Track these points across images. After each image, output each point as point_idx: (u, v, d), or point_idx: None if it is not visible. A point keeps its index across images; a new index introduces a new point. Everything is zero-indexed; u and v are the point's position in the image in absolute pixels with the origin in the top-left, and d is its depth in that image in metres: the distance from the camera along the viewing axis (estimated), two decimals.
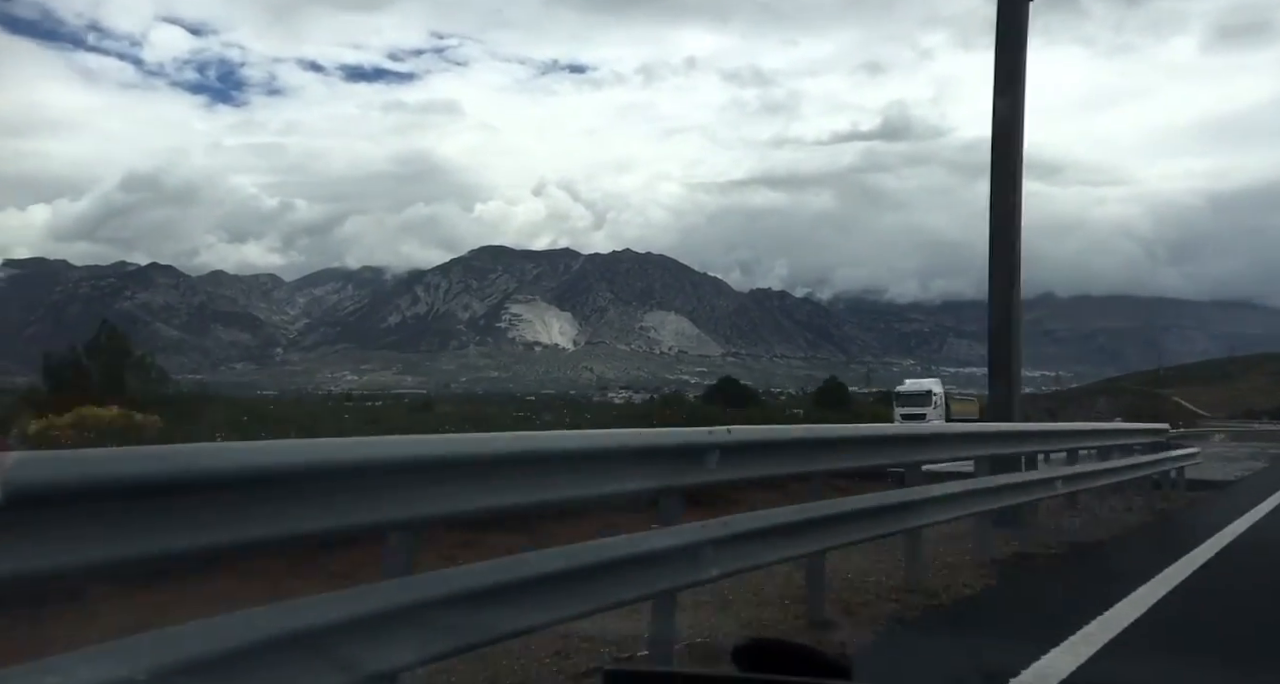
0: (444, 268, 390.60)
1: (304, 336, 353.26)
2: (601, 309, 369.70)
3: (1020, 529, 7.07)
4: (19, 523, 1.50)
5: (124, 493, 1.67)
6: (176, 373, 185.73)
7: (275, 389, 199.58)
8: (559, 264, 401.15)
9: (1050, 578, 5.82)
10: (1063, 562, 6.33)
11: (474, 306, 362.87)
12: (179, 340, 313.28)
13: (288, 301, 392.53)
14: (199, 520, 1.79)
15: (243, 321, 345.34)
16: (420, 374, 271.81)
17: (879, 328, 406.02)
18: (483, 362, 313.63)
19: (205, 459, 1.83)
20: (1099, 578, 5.93)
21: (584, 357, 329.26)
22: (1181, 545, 6.74)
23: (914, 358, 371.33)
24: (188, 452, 1.88)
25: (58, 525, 1.54)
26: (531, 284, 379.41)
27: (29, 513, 1.53)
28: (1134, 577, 5.38)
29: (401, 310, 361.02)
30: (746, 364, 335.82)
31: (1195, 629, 4.58)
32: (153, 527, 1.70)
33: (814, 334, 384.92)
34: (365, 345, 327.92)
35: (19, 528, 1.51)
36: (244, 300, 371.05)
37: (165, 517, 1.72)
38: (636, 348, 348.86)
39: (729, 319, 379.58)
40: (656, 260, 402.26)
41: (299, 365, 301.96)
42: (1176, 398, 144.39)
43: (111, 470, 1.68)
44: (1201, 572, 5.81)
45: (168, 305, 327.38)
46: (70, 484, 1.59)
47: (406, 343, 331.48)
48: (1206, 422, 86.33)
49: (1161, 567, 5.77)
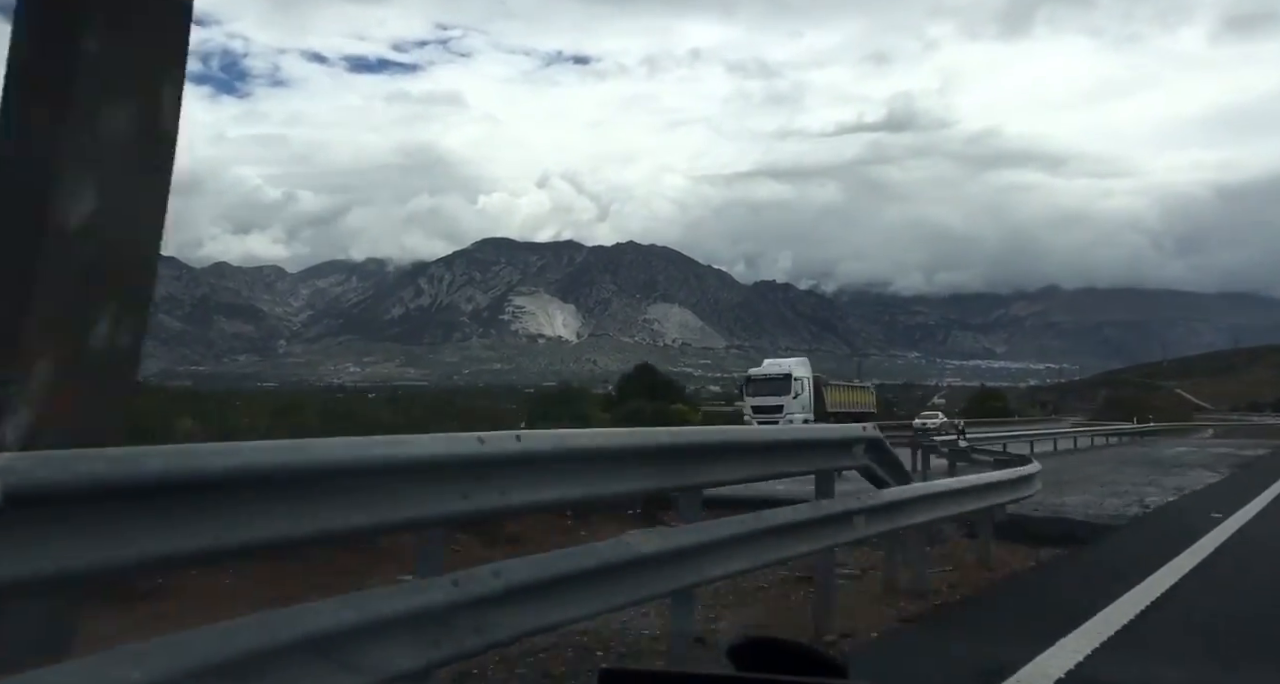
0: (447, 260, 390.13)
1: (307, 328, 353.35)
2: (605, 301, 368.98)
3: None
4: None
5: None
6: (179, 364, 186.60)
7: (276, 381, 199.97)
8: (563, 256, 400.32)
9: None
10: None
11: (477, 299, 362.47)
12: (181, 332, 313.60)
13: (291, 293, 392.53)
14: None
15: (246, 313, 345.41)
16: (423, 366, 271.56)
17: (883, 320, 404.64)
18: (486, 354, 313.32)
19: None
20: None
21: (587, 349, 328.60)
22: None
23: (919, 350, 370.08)
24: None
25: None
26: (535, 276, 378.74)
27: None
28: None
29: (405, 302, 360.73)
30: (750, 356, 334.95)
31: None
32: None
33: (818, 327, 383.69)
34: (368, 337, 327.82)
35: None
36: (247, 292, 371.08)
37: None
38: (640, 340, 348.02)
39: (733, 312, 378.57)
40: (660, 252, 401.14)
41: (301, 357, 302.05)
42: (1179, 390, 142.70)
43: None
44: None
45: (170, 296, 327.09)
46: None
47: (409, 335, 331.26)
48: (1207, 414, 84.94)
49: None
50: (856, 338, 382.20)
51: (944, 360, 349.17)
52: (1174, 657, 3.72)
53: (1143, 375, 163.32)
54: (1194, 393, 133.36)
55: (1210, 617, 4.43)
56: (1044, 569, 6.00)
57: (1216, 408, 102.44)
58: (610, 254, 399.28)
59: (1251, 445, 25.23)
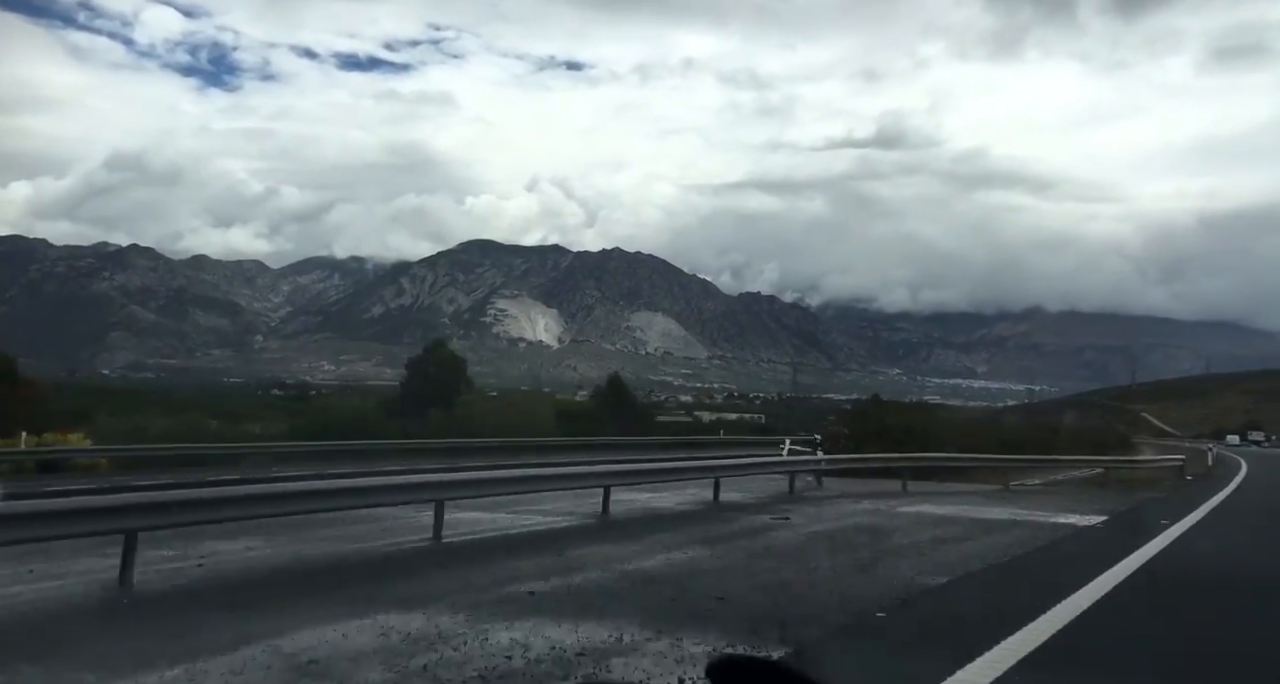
0: (431, 260, 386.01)
1: (285, 324, 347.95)
2: (588, 307, 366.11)
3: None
4: None
5: None
6: (150, 357, 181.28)
7: (245, 377, 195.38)
8: (548, 260, 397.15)
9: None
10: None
11: (459, 300, 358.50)
12: (155, 324, 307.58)
13: (271, 289, 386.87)
14: None
15: (223, 307, 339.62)
16: (400, 366, 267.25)
17: (867, 336, 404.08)
18: (464, 356, 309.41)
19: None
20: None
21: (568, 354, 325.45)
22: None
23: (900, 367, 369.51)
24: None
25: None
26: (519, 279, 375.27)
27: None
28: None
29: (385, 301, 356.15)
30: (732, 367, 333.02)
31: None
32: None
33: (801, 340, 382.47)
34: (346, 336, 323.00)
35: None
36: (226, 286, 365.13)
37: None
38: (622, 347, 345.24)
39: (716, 322, 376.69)
40: (646, 260, 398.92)
41: (277, 353, 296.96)
42: (1146, 413, 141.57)
43: None
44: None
45: (145, 288, 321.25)
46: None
47: (388, 334, 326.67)
48: (1174, 438, 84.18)
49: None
50: (839, 353, 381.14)
51: (925, 378, 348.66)
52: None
53: (1114, 398, 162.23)
54: (1162, 417, 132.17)
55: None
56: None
57: (1182, 433, 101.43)
58: (596, 260, 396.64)
59: (1089, 504, 14.53)
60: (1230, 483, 21.64)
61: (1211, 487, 19.79)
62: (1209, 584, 7.48)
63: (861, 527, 10.70)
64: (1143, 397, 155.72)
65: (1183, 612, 6.34)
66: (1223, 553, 9.88)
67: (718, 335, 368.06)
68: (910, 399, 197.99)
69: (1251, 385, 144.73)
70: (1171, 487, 19.92)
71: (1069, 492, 18.35)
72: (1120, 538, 10.25)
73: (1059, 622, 5.41)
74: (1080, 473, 25.30)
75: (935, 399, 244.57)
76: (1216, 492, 18.09)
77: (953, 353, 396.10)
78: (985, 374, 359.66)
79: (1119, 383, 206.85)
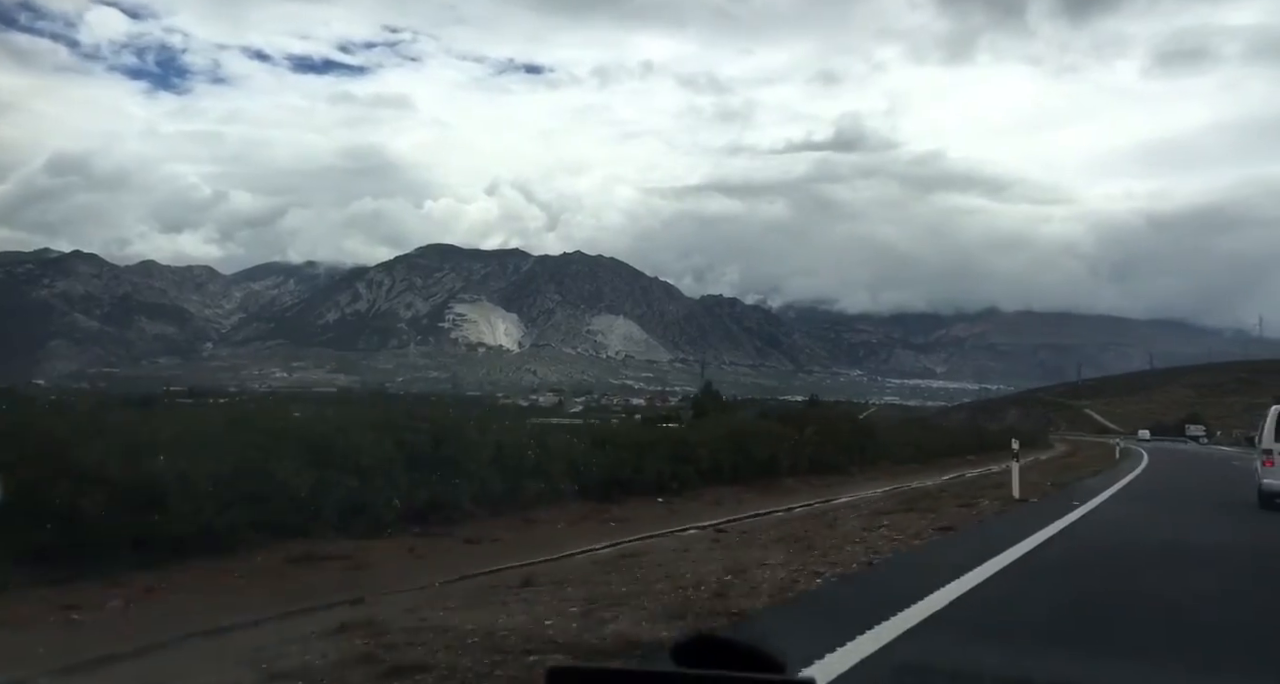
0: (388, 265, 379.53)
1: (236, 331, 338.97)
2: (549, 311, 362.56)
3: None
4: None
5: None
6: (91, 366, 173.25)
7: (189, 386, 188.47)
8: (508, 264, 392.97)
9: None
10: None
11: (417, 305, 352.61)
12: (98, 332, 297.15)
13: (223, 295, 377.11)
14: None
15: (170, 314, 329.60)
16: (355, 373, 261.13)
17: (829, 338, 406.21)
18: (422, 361, 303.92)
19: None
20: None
21: (528, 359, 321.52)
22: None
23: (862, 368, 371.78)
24: None
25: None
26: (478, 284, 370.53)
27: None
28: None
29: (341, 307, 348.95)
30: (694, 370, 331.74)
31: None
32: None
33: (763, 342, 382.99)
34: (300, 342, 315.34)
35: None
36: (175, 292, 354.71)
37: None
38: (583, 351, 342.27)
39: (678, 325, 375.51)
40: (607, 263, 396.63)
41: (226, 361, 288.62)
42: (1089, 409, 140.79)
43: None
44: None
45: (89, 295, 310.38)
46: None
47: (343, 341, 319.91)
48: (1114, 436, 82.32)
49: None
50: (801, 354, 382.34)
51: (885, 379, 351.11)
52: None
53: (1060, 395, 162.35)
54: (1106, 413, 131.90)
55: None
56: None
57: (1123, 429, 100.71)
58: (557, 264, 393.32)
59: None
60: (1060, 520, 11.32)
61: (1016, 529, 9.97)
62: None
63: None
64: (1089, 393, 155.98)
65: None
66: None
67: (680, 338, 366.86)
68: (868, 401, 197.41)
69: (1194, 379, 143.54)
70: (974, 517, 11.64)
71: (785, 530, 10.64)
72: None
73: None
74: (904, 485, 19.99)
75: (895, 400, 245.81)
76: (997, 552, 8.10)
77: (912, 353, 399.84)
78: (944, 374, 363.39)
79: (1071, 381, 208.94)
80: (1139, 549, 9.20)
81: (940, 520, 10.87)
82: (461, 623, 5.03)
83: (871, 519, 11.09)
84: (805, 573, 6.77)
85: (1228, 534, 10.91)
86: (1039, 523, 10.62)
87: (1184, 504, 15.88)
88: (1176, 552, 9.08)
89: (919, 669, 3.99)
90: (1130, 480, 21.67)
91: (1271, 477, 13.72)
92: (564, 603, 5.67)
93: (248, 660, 4.41)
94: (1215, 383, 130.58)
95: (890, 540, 8.93)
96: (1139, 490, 18.77)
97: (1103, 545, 9.46)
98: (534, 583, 6.64)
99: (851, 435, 25.64)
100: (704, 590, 6.04)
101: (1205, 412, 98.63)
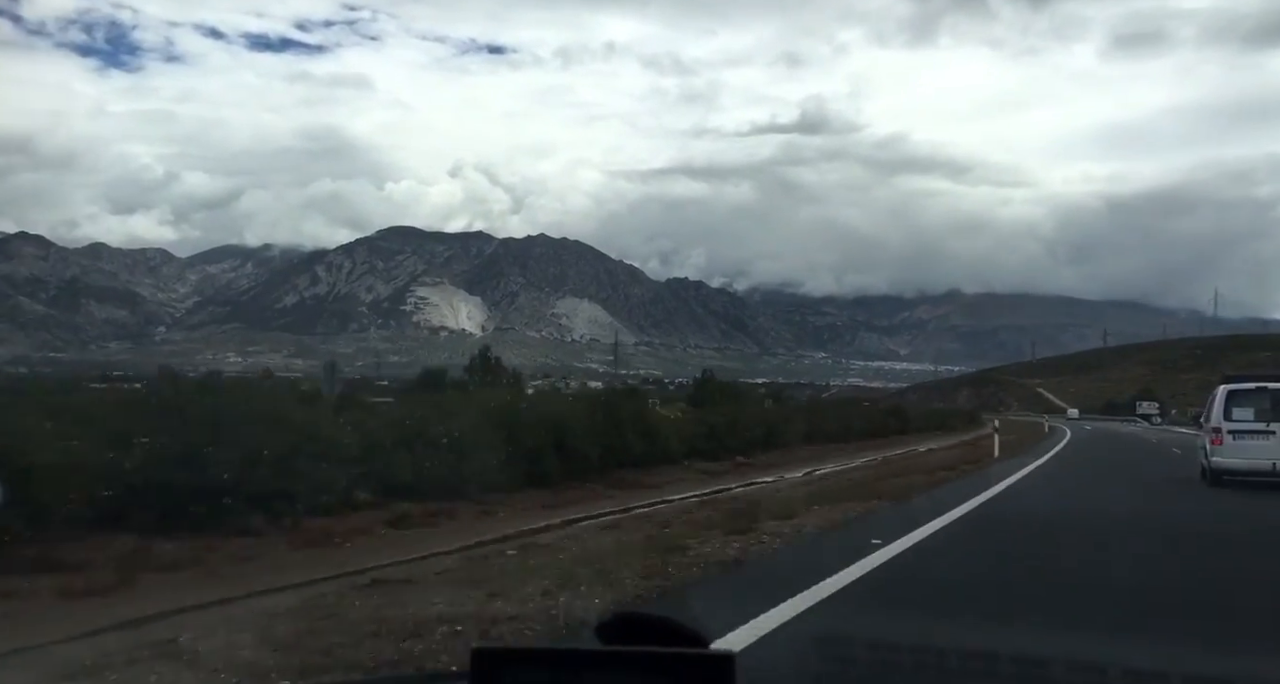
0: (348, 247, 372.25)
1: (191, 315, 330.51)
2: (512, 294, 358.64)
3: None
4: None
5: None
6: (39, 350, 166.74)
7: (138, 371, 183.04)
8: (471, 247, 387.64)
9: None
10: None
11: (378, 288, 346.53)
12: (44, 316, 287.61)
13: (177, 278, 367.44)
14: None
15: (120, 298, 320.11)
16: (313, 358, 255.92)
17: (794, 320, 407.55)
18: (383, 346, 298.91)
19: None
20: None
21: (491, 342, 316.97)
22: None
23: (826, 351, 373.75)
24: None
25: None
26: (441, 267, 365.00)
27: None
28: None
29: (299, 290, 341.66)
30: (659, 353, 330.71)
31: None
32: None
33: (729, 325, 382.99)
34: (256, 326, 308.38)
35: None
36: (126, 275, 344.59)
37: None
38: (547, 335, 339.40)
39: (644, 308, 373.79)
40: (572, 246, 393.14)
41: (179, 346, 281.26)
42: (1041, 388, 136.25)
43: None
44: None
45: (34, 278, 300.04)
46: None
47: (301, 324, 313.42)
48: (1050, 416, 78.50)
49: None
50: (767, 337, 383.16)
51: (849, 361, 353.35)
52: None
53: (1014, 374, 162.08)
54: (1056, 391, 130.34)
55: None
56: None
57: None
58: (521, 247, 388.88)
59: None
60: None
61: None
62: None
63: None
64: (1042, 370, 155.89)
65: None
66: None
67: (645, 321, 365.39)
68: (829, 383, 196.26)
69: (1150, 356, 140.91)
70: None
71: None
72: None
73: None
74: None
75: (859, 381, 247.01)
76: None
77: (876, 336, 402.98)
78: (907, 356, 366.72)
79: (1026, 360, 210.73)
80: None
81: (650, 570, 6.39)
82: None
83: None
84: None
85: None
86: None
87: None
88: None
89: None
90: (1000, 492, 13.46)
91: (1220, 455, 14.09)
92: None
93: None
94: (1170, 359, 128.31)
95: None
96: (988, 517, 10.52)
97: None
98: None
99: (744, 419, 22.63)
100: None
101: (1161, 389, 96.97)
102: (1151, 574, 7.07)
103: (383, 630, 4.66)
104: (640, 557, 6.86)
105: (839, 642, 1.95)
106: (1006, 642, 3.78)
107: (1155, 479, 17.28)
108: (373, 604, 5.49)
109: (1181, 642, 4.66)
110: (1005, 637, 4.57)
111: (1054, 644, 4.24)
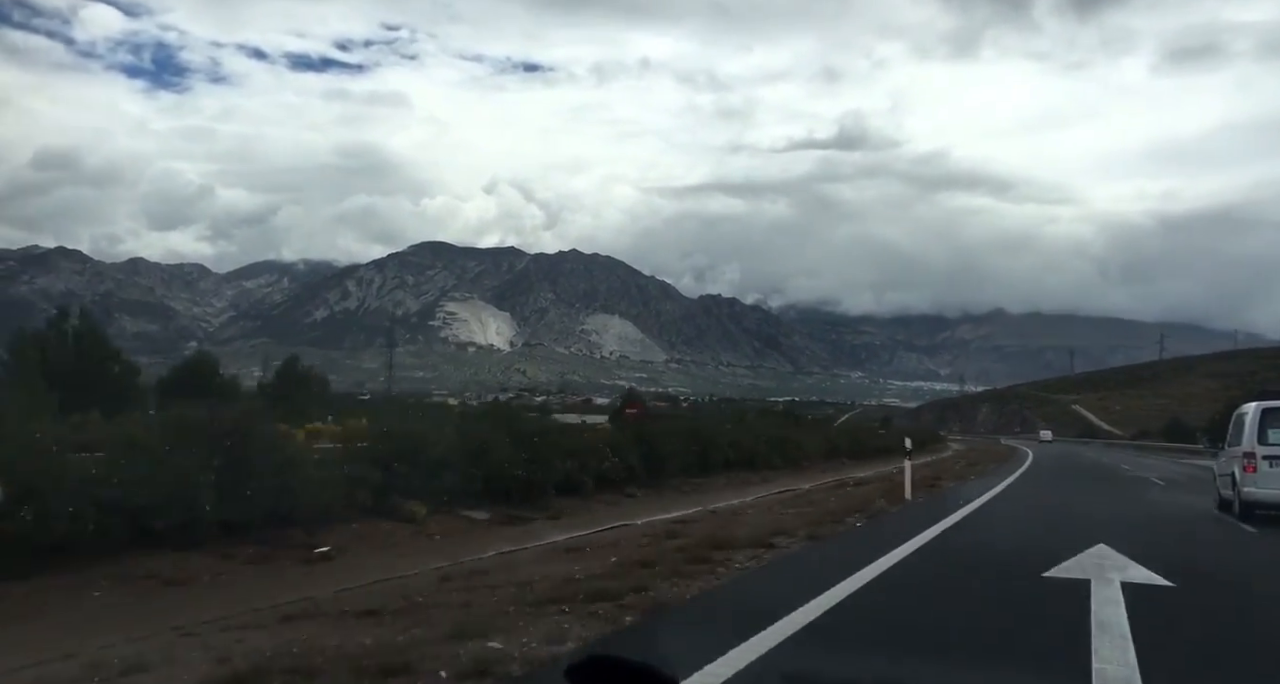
0: (379, 263, 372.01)
1: (223, 330, 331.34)
2: (542, 310, 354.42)
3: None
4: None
5: None
6: None
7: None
8: (502, 263, 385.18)
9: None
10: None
11: (408, 303, 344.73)
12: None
13: (214, 293, 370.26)
14: None
15: (154, 312, 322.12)
16: (338, 372, 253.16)
17: (830, 339, 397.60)
18: (410, 361, 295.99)
19: None
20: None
21: (519, 358, 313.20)
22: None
23: (863, 370, 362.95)
24: None
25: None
26: (471, 282, 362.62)
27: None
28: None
29: (330, 305, 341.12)
30: (690, 371, 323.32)
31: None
32: None
33: (762, 343, 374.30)
34: (285, 340, 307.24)
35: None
36: (162, 290, 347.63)
37: None
38: (576, 351, 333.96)
39: (675, 325, 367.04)
40: (603, 262, 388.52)
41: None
42: (1077, 405, 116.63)
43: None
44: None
45: (69, 292, 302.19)
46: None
47: (329, 339, 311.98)
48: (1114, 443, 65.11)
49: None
50: (801, 356, 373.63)
51: (886, 381, 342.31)
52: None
53: (1041, 389, 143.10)
54: (1099, 410, 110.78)
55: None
56: None
57: (1124, 432, 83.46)
58: (552, 262, 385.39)
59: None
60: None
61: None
62: None
63: None
64: (1082, 386, 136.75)
65: None
66: None
67: (676, 338, 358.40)
68: (853, 402, 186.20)
69: (1217, 368, 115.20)
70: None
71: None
72: None
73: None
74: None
75: (894, 401, 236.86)
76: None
77: (916, 355, 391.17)
78: (948, 376, 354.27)
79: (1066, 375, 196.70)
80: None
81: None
82: None
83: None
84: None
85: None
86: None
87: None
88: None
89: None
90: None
91: (1253, 484, 12.03)
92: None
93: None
94: (1248, 371, 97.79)
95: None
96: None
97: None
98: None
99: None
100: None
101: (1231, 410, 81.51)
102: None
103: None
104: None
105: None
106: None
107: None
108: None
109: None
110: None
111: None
